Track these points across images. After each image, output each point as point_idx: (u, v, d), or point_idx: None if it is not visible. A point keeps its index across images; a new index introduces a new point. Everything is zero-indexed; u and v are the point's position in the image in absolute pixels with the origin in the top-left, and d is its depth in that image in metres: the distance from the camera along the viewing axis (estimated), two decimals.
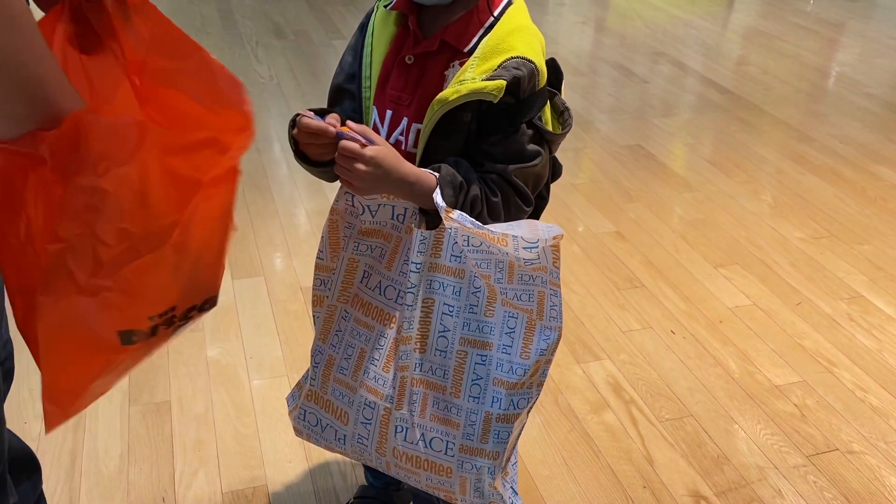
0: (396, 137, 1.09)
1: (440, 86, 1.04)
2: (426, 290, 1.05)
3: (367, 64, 1.09)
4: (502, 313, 1.05)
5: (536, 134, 1.05)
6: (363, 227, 1.08)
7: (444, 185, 1.00)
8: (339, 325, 1.13)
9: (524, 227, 0.98)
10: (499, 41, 1.02)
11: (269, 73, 3.67)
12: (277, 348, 1.92)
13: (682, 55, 4.28)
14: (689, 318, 2.10)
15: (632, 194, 2.75)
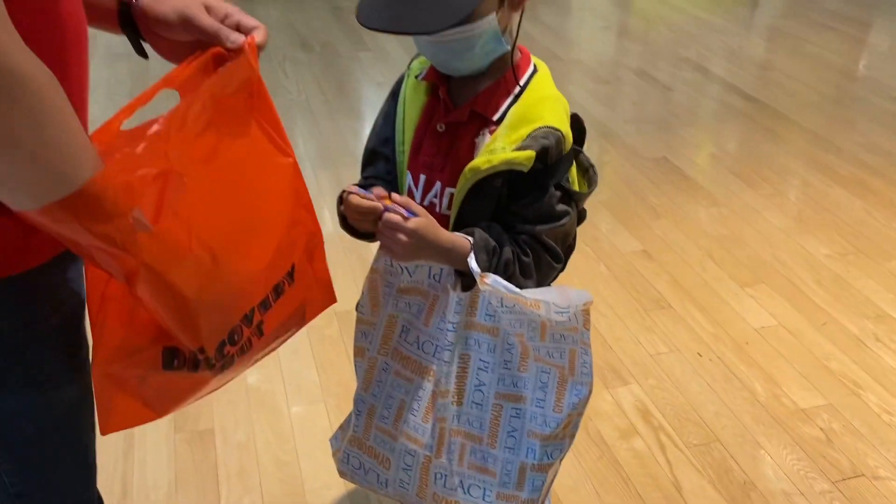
0: (430, 200, 1.14)
1: (471, 153, 1.09)
2: (462, 347, 1.11)
3: (399, 130, 1.15)
4: (535, 369, 1.10)
5: (564, 194, 1.10)
6: (402, 285, 1.13)
7: (478, 251, 1.05)
8: (380, 377, 1.19)
9: (555, 293, 1.03)
10: (526, 110, 1.07)
11: (296, 88, 3.73)
12: (314, 374, 1.99)
13: (705, 60, 4.27)
14: (716, 340, 2.13)
15: (658, 210, 2.78)
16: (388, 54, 4.18)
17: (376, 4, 0.98)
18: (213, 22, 0.86)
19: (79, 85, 0.80)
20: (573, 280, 2.35)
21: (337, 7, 4.90)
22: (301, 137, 3.29)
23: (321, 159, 3.09)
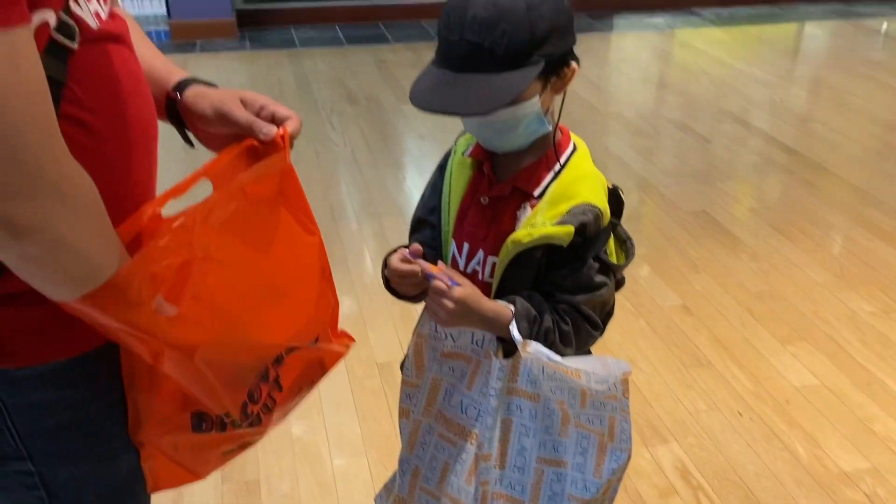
0: (473, 267, 1.20)
1: (512, 224, 1.15)
2: (504, 412, 1.15)
3: (445, 202, 1.22)
4: (576, 435, 1.13)
5: (602, 266, 1.15)
6: (446, 350, 1.18)
7: (519, 319, 1.10)
8: (425, 438, 1.23)
9: (596, 362, 1.07)
10: (566, 187, 1.12)
11: (342, 140, 3.85)
12: (356, 426, 2.04)
13: (746, 112, 4.30)
14: (757, 399, 2.13)
15: (697, 264, 2.79)
16: None
17: (428, 87, 1.06)
18: (248, 115, 0.91)
19: (146, 177, 0.88)
20: (613, 335, 2.37)
21: (382, 61, 5.06)
22: (345, 188, 3.39)
23: (364, 209, 3.18)
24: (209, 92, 0.95)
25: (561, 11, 1.05)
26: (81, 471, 0.91)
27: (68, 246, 0.70)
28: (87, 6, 0.78)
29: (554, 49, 1.05)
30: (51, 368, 0.84)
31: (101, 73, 0.79)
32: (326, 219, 3.09)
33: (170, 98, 0.96)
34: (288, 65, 4.95)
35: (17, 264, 0.70)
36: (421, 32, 5.62)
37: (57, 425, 0.86)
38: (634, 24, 5.97)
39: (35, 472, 0.87)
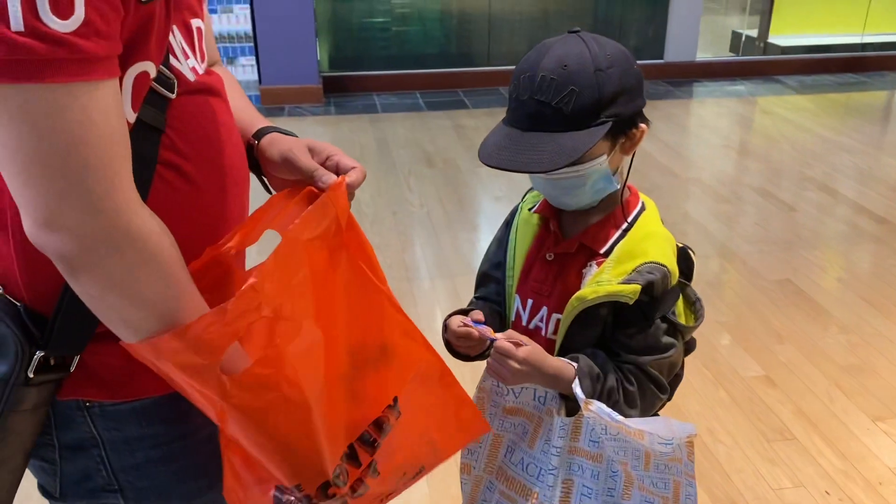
0: (536, 324, 1.20)
1: (578, 282, 1.14)
2: (566, 472, 1.13)
3: (511, 256, 1.23)
4: (639, 498, 1.10)
5: (670, 327, 1.12)
6: (507, 406, 1.18)
7: (582, 377, 1.08)
8: (485, 495, 1.22)
9: (660, 423, 1.04)
10: (633, 246, 1.11)
11: (419, 202, 3.93)
12: (425, 486, 2.01)
13: (831, 179, 4.18)
14: (846, 478, 2.01)
15: (781, 334, 2.69)
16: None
17: (496, 144, 1.08)
18: (312, 163, 0.93)
19: (239, 223, 0.92)
20: (691, 404, 2.29)
21: (460, 126, 5.17)
22: (420, 248, 3.44)
23: (439, 269, 3.21)
24: (281, 139, 0.98)
25: (630, 74, 1.06)
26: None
27: (121, 290, 0.73)
28: (185, 62, 0.84)
29: (622, 110, 1.05)
30: (145, 404, 0.87)
31: (196, 123, 0.85)
32: (401, 278, 3.13)
33: (249, 144, 1.00)
34: (369, 129, 5.12)
35: (81, 297, 0.74)
36: (498, 98, 5.73)
37: (148, 460, 0.89)
38: (715, 91, 5.94)
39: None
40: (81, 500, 0.90)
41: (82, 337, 0.81)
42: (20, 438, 0.82)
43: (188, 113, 0.83)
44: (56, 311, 0.78)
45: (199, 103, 0.86)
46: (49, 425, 0.85)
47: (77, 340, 0.81)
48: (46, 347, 0.79)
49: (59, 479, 0.89)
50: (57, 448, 0.87)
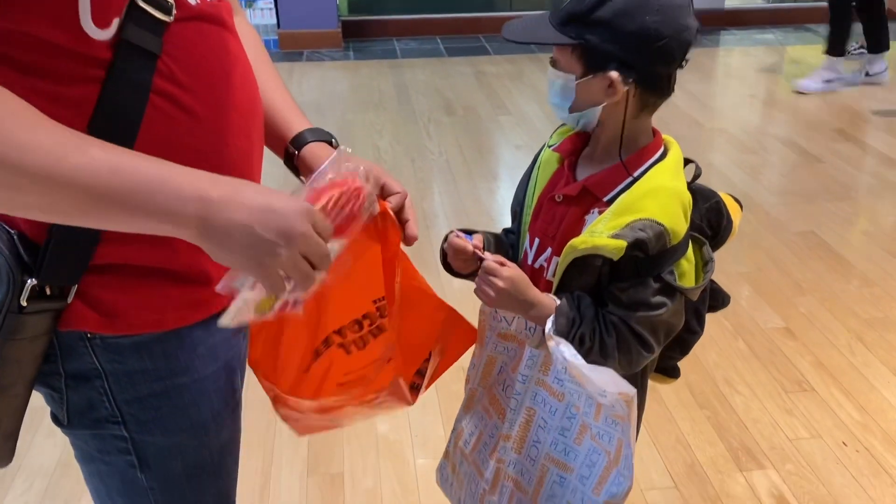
0: (540, 263, 1.19)
1: (578, 227, 1.12)
2: (531, 401, 1.16)
3: (529, 194, 1.21)
4: (589, 447, 1.11)
5: (665, 287, 1.08)
6: (501, 331, 1.21)
7: (559, 315, 1.08)
8: (474, 406, 1.28)
9: (604, 374, 1.03)
10: (634, 200, 1.07)
11: (438, 150, 3.89)
12: (440, 428, 2.03)
13: (860, 131, 4.08)
14: (864, 430, 2.00)
15: (803, 286, 2.66)
16: (527, 118, 4.28)
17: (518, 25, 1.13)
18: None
19: (244, 162, 0.90)
20: (710, 354, 2.29)
21: (481, 72, 5.09)
22: (439, 196, 3.42)
23: (457, 218, 3.19)
24: (321, 157, 0.98)
25: (663, 37, 1.03)
26: (172, 441, 0.94)
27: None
28: None
29: (609, 46, 1.03)
30: (148, 339, 0.87)
31: (198, 52, 0.81)
32: (420, 224, 3.11)
33: (289, 152, 1.03)
34: (389, 74, 5.05)
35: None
36: (521, 45, 5.63)
37: (151, 393, 0.90)
38: (743, 40, 5.79)
39: (128, 438, 0.91)
40: (87, 430, 0.91)
41: (77, 267, 0.80)
42: (19, 367, 0.82)
43: (188, 40, 0.80)
44: (48, 239, 0.78)
45: (202, 31, 0.82)
46: (55, 354, 0.86)
47: (71, 270, 0.80)
48: (38, 275, 0.78)
49: (66, 408, 0.90)
50: (63, 377, 0.88)
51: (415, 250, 1.06)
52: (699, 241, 1.13)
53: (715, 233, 1.16)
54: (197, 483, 0.98)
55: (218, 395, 0.95)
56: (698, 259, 1.13)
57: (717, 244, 1.20)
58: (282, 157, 1.05)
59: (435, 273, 1.24)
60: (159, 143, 0.78)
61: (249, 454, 1.94)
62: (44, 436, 1.94)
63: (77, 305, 0.83)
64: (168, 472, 0.95)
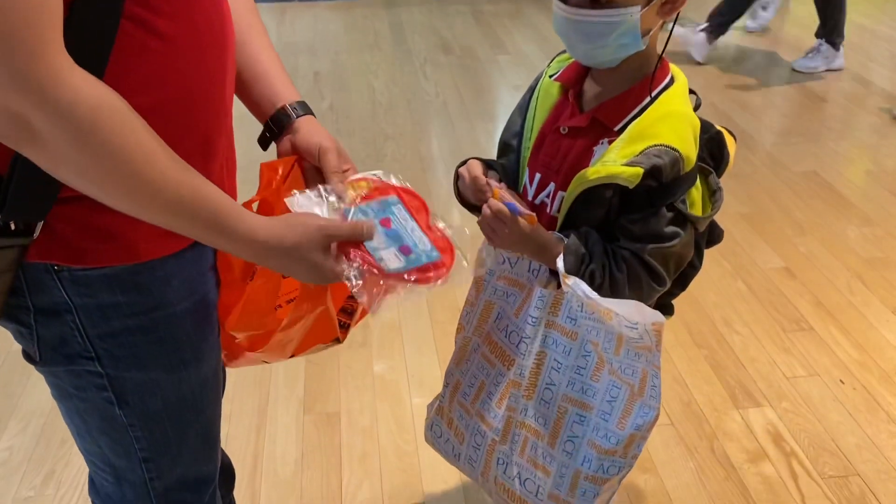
0: (542, 199, 1.15)
1: (587, 159, 1.08)
2: (541, 344, 1.13)
3: (528, 127, 1.16)
4: (607, 382, 1.09)
5: (678, 216, 1.06)
6: (502, 274, 1.18)
7: (567, 254, 1.05)
8: (471, 356, 1.24)
9: (631, 307, 1.01)
10: (646, 126, 1.04)
11: (435, 91, 3.81)
12: (436, 368, 2.03)
13: (865, 70, 4.00)
14: (861, 368, 1.99)
15: (804, 226, 2.63)
16: (526, 58, 4.19)
17: None
18: (338, 168, 1.01)
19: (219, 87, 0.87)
20: (708, 294, 2.27)
21: (479, 12, 4.96)
22: (436, 138, 3.36)
23: (455, 160, 3.11)
24: (318, 131, 1.03)
25: None
26: (149, 377, 0.91)
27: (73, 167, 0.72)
28: None
29: None
30: (116, 272, 0.84)
31: None
32: (415, 168, 3.07)
33: (284, 113, 1.03)
34: (384, 14, 4.92)
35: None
36: None
37: (125, 329, 0.87)
38: None
39: (104, 374, 0.89)
40: (61, 366, 0.89)
41: (42, 202, 0.77)
42: None
43: None
44: (9, 174, 0.74)
45: None
46: (22, 288, 0.83)
47: (37, 205, 0.77)
48: (2, 211, 0.75)
49: (37, 344, 0.87)
50: (32, 312, 0.85)
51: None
52: (705, 171, 1.10)
53: (716, 164, 1.13)
54: (178, 419, 0.96)
55: (195, 329, 0.93)
56: (705, 188, 1.11)
57: (717, 176, 1.17)
58: (262, 119, 1.05)
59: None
60: (136, 74, 0.75)
61: (245, 394, 1.94)
62: (37, 379, 1.93)
63: (43, 237, 0.79)
64: (147, 408, 0.93)
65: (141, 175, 0.74)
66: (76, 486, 1.70)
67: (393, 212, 0.99)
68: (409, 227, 0.98)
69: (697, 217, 1.07)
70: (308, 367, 2.03)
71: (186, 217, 0.79)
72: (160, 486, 0.99)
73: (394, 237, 0.96)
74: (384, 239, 0.95)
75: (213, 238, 0.83)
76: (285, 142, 1.05)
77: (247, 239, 0.83)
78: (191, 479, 1.03)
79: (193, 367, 0.94)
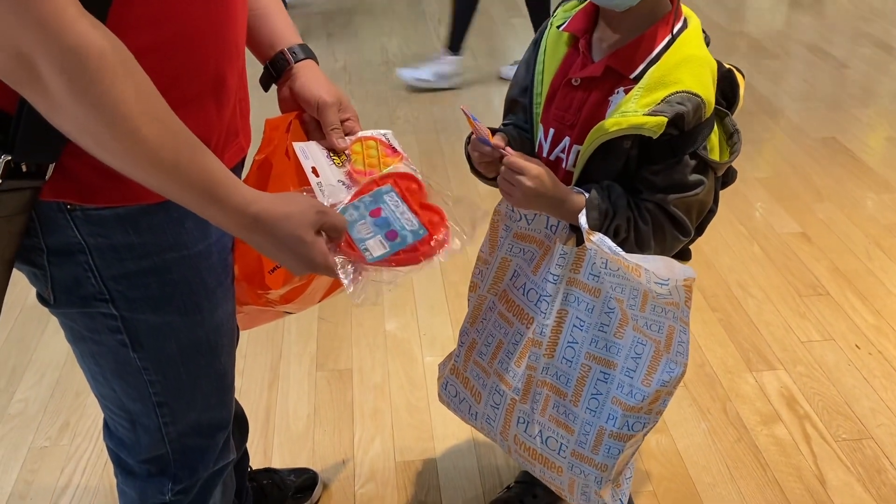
0: (557, 155, 1.12)
1: (603, 111, 1.05)
2: (562, 302, 1.11)
3: (538, 81, 1.13)
4: (632, 338, 1.08)
5: (700, 163, 1.04)
6: (519, 231, 1.16)
7: (590, 209, 1.03)
8: (486, 314, 1.22)
9: (659, 262, 0.99)
10: (665, 73, 1.01)
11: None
12: (448, 327, 2.02)
13: (889, 35, 3.91)
14: (878, 333, 1.97)
15: (822, 192, 2.59)
16: None
17: None
18: (336, 122, 1.03)
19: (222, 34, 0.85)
20: (723, 258, 2.24)
21: None
22: (449, 100, 3.32)
23: (466, 123, 3.10)
24: (319, 80, 1.03)
25: None
26: (163, 320, 0.90)
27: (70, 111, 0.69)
28: None
29: None
30: (130, 211, 0.83)
31: None
32: (429, 130, 3.04)
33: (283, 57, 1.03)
34: None
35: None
36: None
37: (139, 270, 0.86)
38: None
39: (118, 317, 0.88)
40: (75, 308, 0.88)
41: (53, 144, 0.75)
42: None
43: None
44: (18, 114, 0.73)
45: None
46: (35, 229, 0.82)
47: (47, 147, 0.75)
48: (13, 152, 0.74)
49: (51, 286, 0.86)
50: (45, 253, 0.84)
51: (425, 157, 1.04)
52: (721, 113, 1.08)
53: (729, 104, 1.10)
54: (193, 364, 0.96)
55: (210, 272, 0.92)
56: (721, 132, 1.08)
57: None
58: (263, 60, 1.04)
59: (444, 178, 1.19)
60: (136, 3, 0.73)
61: (258, 351, 1.95)
62: (52, 332, 1.95)
63: (56, 177, 0.78)
64: (162, 352, 0.92)
65: (138, 133, 0.71)
66: (91, 437, 1.71)
67: (385, 200, 0.99)
68: (399, 211, 0.98)
69: (719, 163, 1.05)
70: (320, 324, 2.03)
71: (181, 183, 0.76)
72: (174, 432, 0.99)
73: (382, 224, 0.97)
74: (372, 228, 0.96)
75: (203, 207, 0.79)
76: (285, 90, 1.04)
77: (238, 211, 0.80)
78: (204, 424, 1.03)
79: (208, 312, 0.93)
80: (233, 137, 0.92)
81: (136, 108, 0.70)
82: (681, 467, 1.62)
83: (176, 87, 0.78)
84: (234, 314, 1.01)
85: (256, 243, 0.85)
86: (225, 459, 1.08)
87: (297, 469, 1.58)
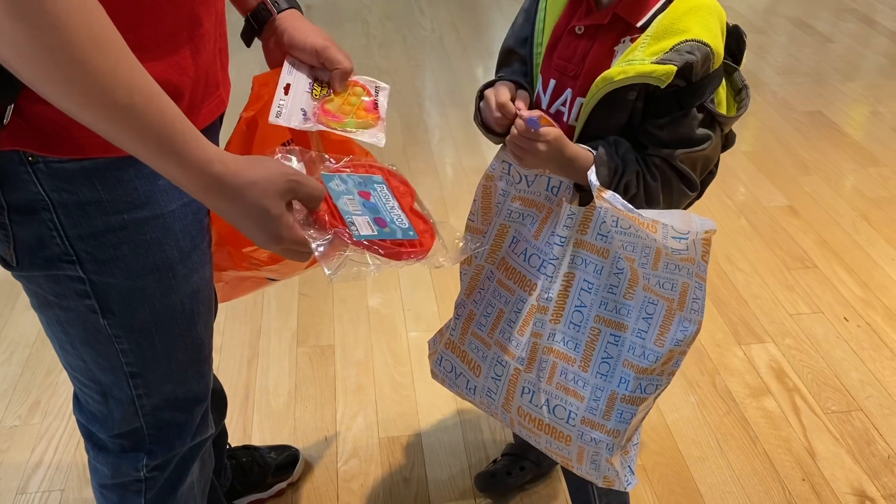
0: (558, 108, 1.08)
1: (608, 61, 1.01)
2: (569, 265, 1.07)
3: (539, 30, 1.08)
4: (642, 298, 1.04)
5: (707, 117, 1.00)
6: (517, 194, 1.10)
7: (599, 165, 0.99)
8: (484, 284, 1.17)
9: (677, 216, 0.95)
10: (674, 21, 0.97)
11: (431, 26, 3.69)
12: (433, 303, 1.98)
13: (873, 10, 3.90)
14: (866, 306, 1.96)
15: (808, 166, 2.57)
16: None
17: None
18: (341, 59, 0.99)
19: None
20: None
21: None
22: (432, 74, 3.26)
23: (451, 97, 3.05)
24: (308, 28, 0.99)
25: None
26: (135, 284, 0.84)
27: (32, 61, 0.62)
28: None
29: None
30: (98, 164, 0.77)
31: None
32: (411, 103, 2.98)
33: (264, 8, 0.98)
34: None
35: None
36: None
37: (107, 228, 0.80)
38: None
39: (86, 280, 0.82)
40: (39, 271, 0.82)
41: (12, 81, 0.66)
42: None
43: None
44: None
45: None
46: None
47: (5, 85, 0.68)
48: None
49: (13, 247, 0.80)
50: (6, 210, 0.78)
51: (408, 130, 1.00)
52: (729, 68, 1.04)
53: (736, 61, 1.06)
54: (167, 332, 0.90)
55: (185, 234, 0.86)
56: (729, 87, 1.04)
57: None
58: (244, 12, 0.99)
59: (427, 152, 1.15)
60: None
61: (236, 327, 1.89)
62: (22, 308, 1.88)
63: (15, 123, 0.72)
64: (134, 319, 0.86)
65: (86, 65, 0.62)
66: (63, 415, 1.66)
67: (375, 189, 0.93)
68: (390, 205, 0.92)
69: (727, 117, 1.01)
70: (301, 299, 1.98)
71: (134, 128, 0.67)
72: (148, 405, 0.94)
73: (371, 208, 0.89)
74: (360, 207, 0.88)
75: (160, 160, 0.70)
76: (272, 46, 0.98)
77: (199, 168, 0.71)
78: (181, 397, 0.97)
79: (183, 276, 0.87)
80: (213, 89, 0.86)
81: (84, 33, 0.62)
82: (670, 441, 1.60)
83: (148, 23, 0.72)
84: (211, 281, 0.95)
85: (218, 208, 0.76)
86: (202, 435, 1.03)
87: (278, 446, 1.53)
